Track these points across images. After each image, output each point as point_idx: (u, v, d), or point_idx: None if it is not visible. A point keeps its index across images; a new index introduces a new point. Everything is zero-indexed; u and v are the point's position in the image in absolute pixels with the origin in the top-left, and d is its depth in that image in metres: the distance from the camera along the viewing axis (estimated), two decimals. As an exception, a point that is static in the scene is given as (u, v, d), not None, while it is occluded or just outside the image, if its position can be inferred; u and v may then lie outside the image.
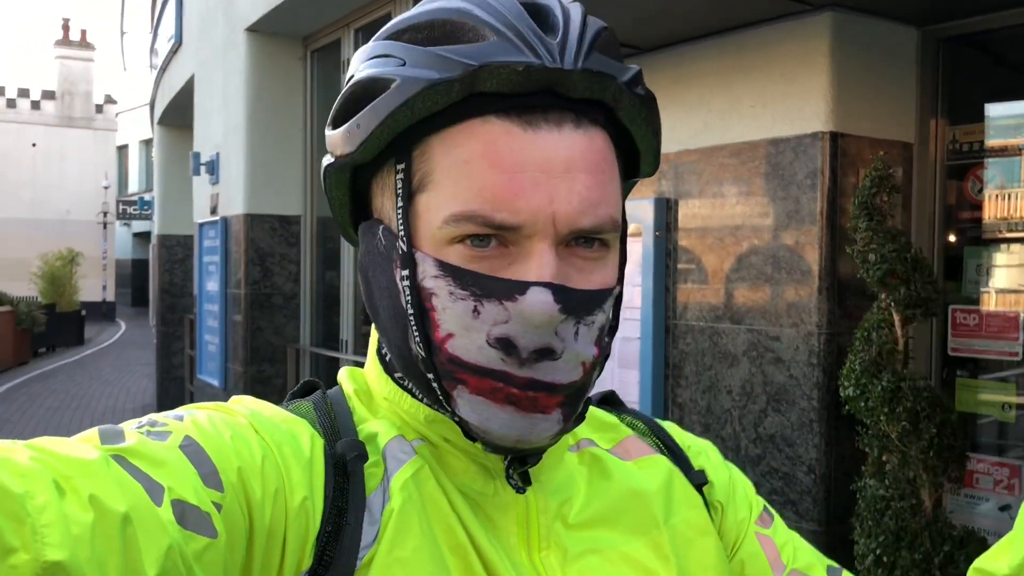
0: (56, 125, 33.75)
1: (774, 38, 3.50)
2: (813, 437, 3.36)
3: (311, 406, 0.76)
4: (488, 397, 0.67)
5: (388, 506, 0.69)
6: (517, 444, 0.69)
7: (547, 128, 0.66)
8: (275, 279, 7.61)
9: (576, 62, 0.66)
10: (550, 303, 0.65)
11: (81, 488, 0.54)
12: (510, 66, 0.65)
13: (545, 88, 0.66)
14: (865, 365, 2.98)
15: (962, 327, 3.49)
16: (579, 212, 0.66)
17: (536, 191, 0.65)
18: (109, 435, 0.61)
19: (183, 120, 10.59)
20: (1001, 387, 3.53)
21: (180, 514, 0.58)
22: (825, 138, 3.33)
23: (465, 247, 0.67)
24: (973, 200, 3.62)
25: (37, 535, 0.51)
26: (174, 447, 0.62)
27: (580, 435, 0.83)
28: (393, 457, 0.72)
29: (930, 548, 2.84)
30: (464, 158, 0.67)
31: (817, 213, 3.35)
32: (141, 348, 21.26)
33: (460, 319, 0.67)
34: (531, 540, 0.74)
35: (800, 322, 3.40)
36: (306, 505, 0.66)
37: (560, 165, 0.66)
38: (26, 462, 0.54)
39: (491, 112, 0.66)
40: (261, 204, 7.52)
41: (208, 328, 8.49)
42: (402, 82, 0.66)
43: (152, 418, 0.66)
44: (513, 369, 0.66)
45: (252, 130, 7.48)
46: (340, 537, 0.67)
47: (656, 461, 0.84)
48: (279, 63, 7.55)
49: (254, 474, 0.65)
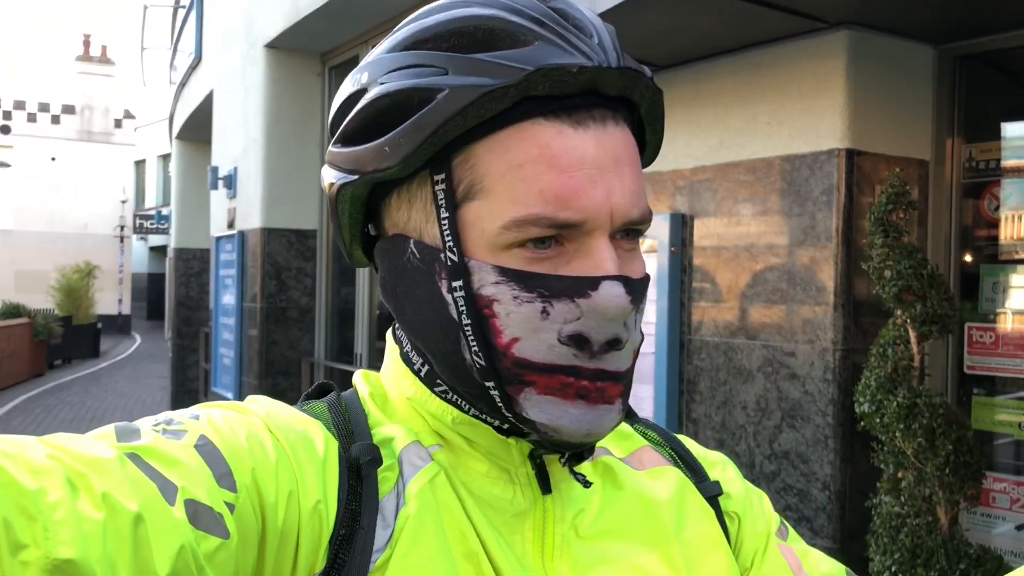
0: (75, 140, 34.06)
1: (790, 56, 3.51)
2: (828, 453, 3.35)
3: (326, 407, 0.76)
4: (558, 395, 0.68)
5: (403, 511, 0.69)
6: (586, 438, 0.69)
7: (594, 126, 0.68)
8: (291, 293, 7.65)
9: (619, 61, 0.68)
10: (623, 295, 0.66)
11: (95, 486, 0.55)
12: (564, 68, 0.65)
13: (589, 88, 0.68)
14: (881, 381, 2.98)
15: (978, 345, 3.48)
16: (631, 204, 0.68)
17: (594, 188, 0.66)
18: (125, 433, 0.62)
19: (201, 135, 10.69)
20: (1018, 405, 3.52)
21: (193, 514, 0.58)
22: (841, 155, 3.34)
23: (524, 250, 0.67)
24: (990, 218, 3.62)
25: (49, 532, 0.51)
26: (189, 446, 0.62)
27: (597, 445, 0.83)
28: (410, 463, 0.72)
29: (946, 566, 2.82)
30: (518, 162, 0.66)
31: (833, 230, 3.35)
32: (156, 361, 21.34)
33: (527, 322, 0.67)
34: (546, 548, 0.73)
35: (815, 338, 3.40)
36: (319, 508, 0.66)
37: (611, 161, 0.68)
38: (41, 459, 0.54)
39: (539, 115, 0.66)
40: (278, 218, 7.58)
41: (223, 341, 8.53)
42: (452, 92, 0.65)
43: (168, 416, 0.66)
44: (584, 363, 0.67)
45: (270, 145, 7.55)
46: (353, 540, 0.67)
47: (669, 472, 0.84)
48: (298, 79, 7.62)
49: (268, 475, 0.65)
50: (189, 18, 10.70)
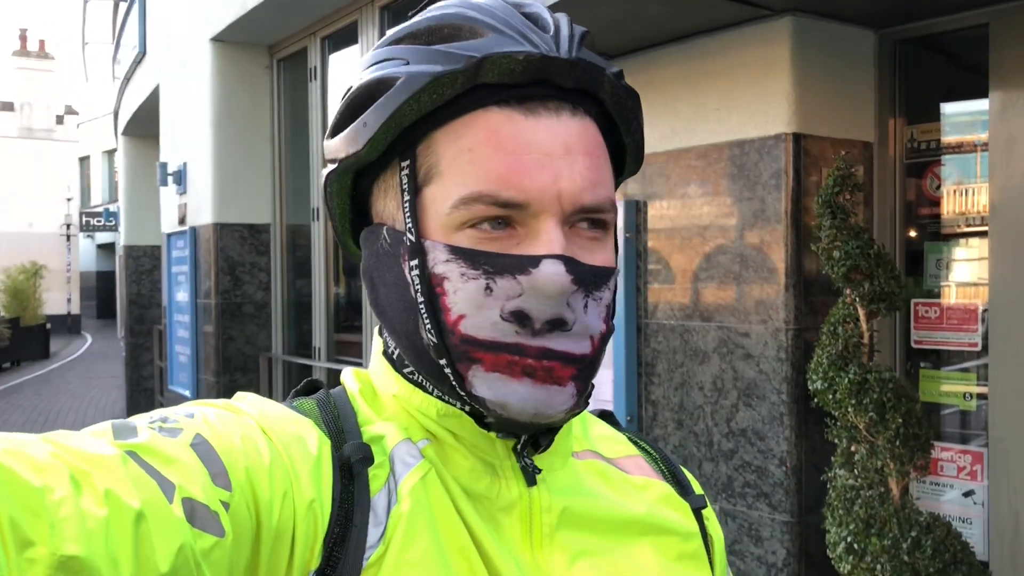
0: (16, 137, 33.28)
1: (737, 43, 3.58)
2: (783, 430, 3.44)
3: (315, 404, 0.77)
4: (504, 372, 0.70)
5: (396, 509, 0.71)
6: (534, 418, 0.71)
7: (546, 114, 0.71)
8: (246, 288, 7.60)
9: (570, 52, 0.71)
10: (562, 273, 0.68)
11: (97, 483, 0.55)
12: (511, 56, 0.69)
13: (541, 79, 0.71)
14: (832, 359, 3.07)
15: (924, 320, 3.60)
16: (581, 190, 0.70)
17: (541, 171, 0.69)
18: (122, 430, 0.62)
19: (148, 130, 10.53)
20: (962, 377, 3.64)
21: (190, 512, 0.59)
22: (788, 139, 3.42)
23: (476, 231, 0.70)
24: (931, 197, 3.73)
25: (55, 529, 0.52)
26: (185, 445, 0.63)
27: (584, 445, 0.84)
28: (401, 461, 0.73)
29: (898, 535, 2.93)
30: (468, 146, 0.70)
31: (782, 212, 3.43)
32: (108, 360, 21.02)
33: (472, 298, 0.69)
34: (533, 538, 0.75)
35: (768, 318, 3.48)
36: (314, 507, 0.68)
37: (560, 147, 0.70)
38: (44, 456, 0.55)
39: (492, 103, 0.70)
40: (230, 213, 7.51)
41: (178, 339, 8.45)
42: (407, 78, 0.70)
43: (163, 414, 0.67)
44: (526, 340, 0.69)
45: (219, 139, 7.47)
46: (347, 538, 0.68)
47: (658, 485, 0.86)
48: (245, 72, 7.55)
49: (262, 475, 0.66)
50: (132, 11, 10.52)
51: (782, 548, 3.47)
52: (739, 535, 3.60)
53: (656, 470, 0.88)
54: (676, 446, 3.83)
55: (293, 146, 7.52)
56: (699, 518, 0.85)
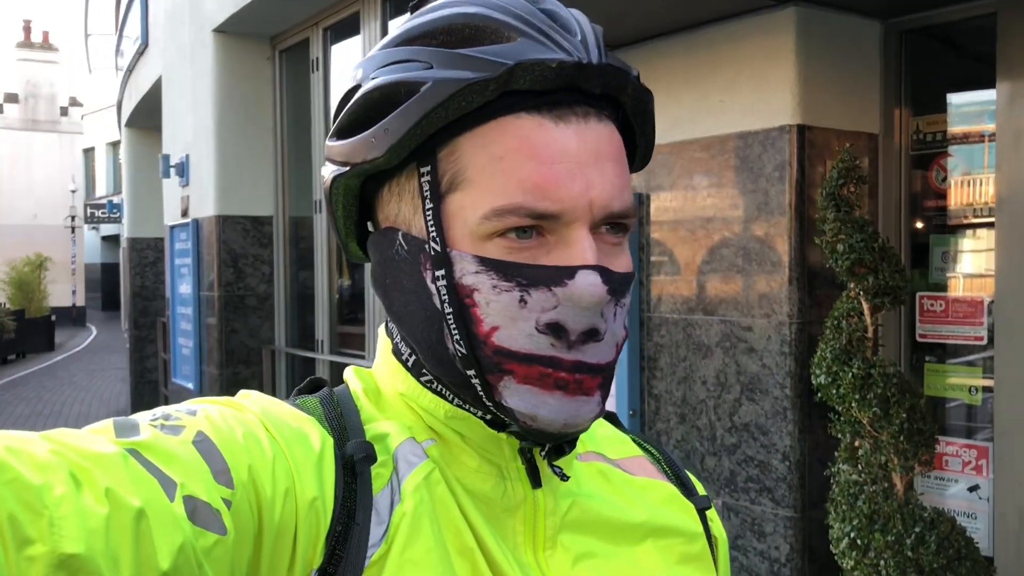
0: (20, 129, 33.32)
1: (741, 34, 3.55)
2: (787, 425, 3.42)
3: (318, 402, 0.77)
4: (537, 384, 0.69)
5: (399, 508, 0.70)
6: (564, 429, 0.70)
7: (576, 121, 0.69)
8: (248, 280, 7.59)
9: (600, 58, 0.70)
10: (599, 284, 0.67)
11: (98, 481, 0.55)
12: (544, 63, 0.67)
13: (571, 84, 0.69)
14: (836, 353, 3.04)
15: (929, 313, 3.57)
16: (611, 197, 0.69)
17: (573, 180, 0.68)
18: (123, 428, 0.62)
19: (151, 122, 10.51)
20: (968, 371, 3.61)
21: (191, 510, 0.59)
22: (792, 131, 3.38)
23: (505, 240, 0.68)
24: (937, 189, 3.69)
25: (54, 527, 0.52)
26: (187, 442, 0.63)
27: (588, 447, 0.84)
28: (404, 459, 0.73)
29: (902, 530, 2.90)
30: (499, 154, 0.68)
31: (786, 205, 3.40)
32: (113, 352, 21.07)
33: (506, 310, 0.68)
34: (537, 540, 0.75)
35: (772, 312, 3.45)
36: (316, 504, 0.67)
37: (591, 154, 0.69)
38: (44, 455, 0.55)
39: (521, 109, 0.68)
40: (232, 205, 7.49)
41: (182, 331, 8.45)
42: (435, 84, 0.67)
43: (166, 411, 0.67)
44: (562, 353, 0.68)
45: (222, 131, 7.45)
46: (349, 536, 0.68)
47: (662, 486, 0.86)
48: (247, 63, 7.52)
49: (265, 472, 0.65)
50: (134, 3, 10.50)
51: (785, 543, 3.45)
52: (742, 530, 3.58)
53: (660, 471, 0.88)
54: (679, 441, 3.81)
55: (295, 138, 7.50)
56: (703, 519, 0.85)
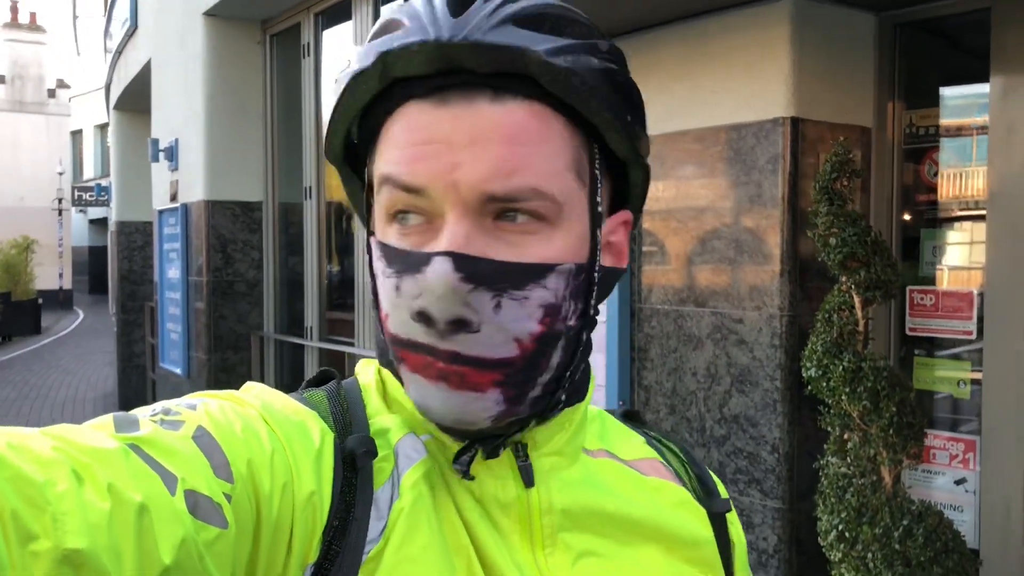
0: (7, 110, 33.05)
1: (735, 25, 3.53)
2: (776, 417, 3.43)
3: (325, 396, 0.77)
4: (422, 374, 0.69)
5: (398, 503, 0.70)
6: (457, 424, 0.70)
7: (457, 104, 0.67)
8: (237, 266, 7.56)
9: (474, 35, 0.66)
10: (449, 272, 0.65)
11: (99, 477, 0.55)
12: (408, 47, 0.67)
13: (455, 67, 0.67)
14: (827, 346, 3.04)
15: (919, 307, 3.58)
16: (485, 178, 0.66)
17: (438, 158, 0.67)
18: (123, 423, 0.62)
19: (140, 105, 10.42)
20: (956, 364, 3.63)
21: (193, 504, 0.59)
22: (786, 123, 3.38)
23: (396, 225, 0.70)
24: (929, 183, 3.70)
25: (57, 523, 0.52)
26: (187, 437, 0.63)
27: (599, 445, 0.82)
28: (405, 454, 0.73)
29: (890, 523, 2.92)
30: (390, 141, 0.70)
31: (779, 197, 3.40)
32: (100, 336, 20.98)
33: (389, 297, 0.70)
34: (534, 539, 0.74)
35: (763, 304, 3.46)
36: (313, 499, 0.67)
37: (464, 137, 0.67)
38: (46, 451, 0.55)
39: (413, 97, 0.69)
40: (222, 190, 7.46)
41: (170, 316, 8.41)
42: (341, 79, 0.72)
43: (165, 406, 0.67)
44: (435, 341, 0.67)
45: (212, 115, 7.40)
46: (347, 532, 0.68)
47: (673, 488, 0.83)
48: (238, 48, 7.46)
49: (263, 466, 0.65)
50: (123, -16, 10.40)
51: (773, 535, 3.46)
52: (730, 521, 3.59)
53: (674, 473, 0.85)
54: (668, 432, 3.82)
55: (286, 123, 7.46)
56: (721, 523, 0.83)
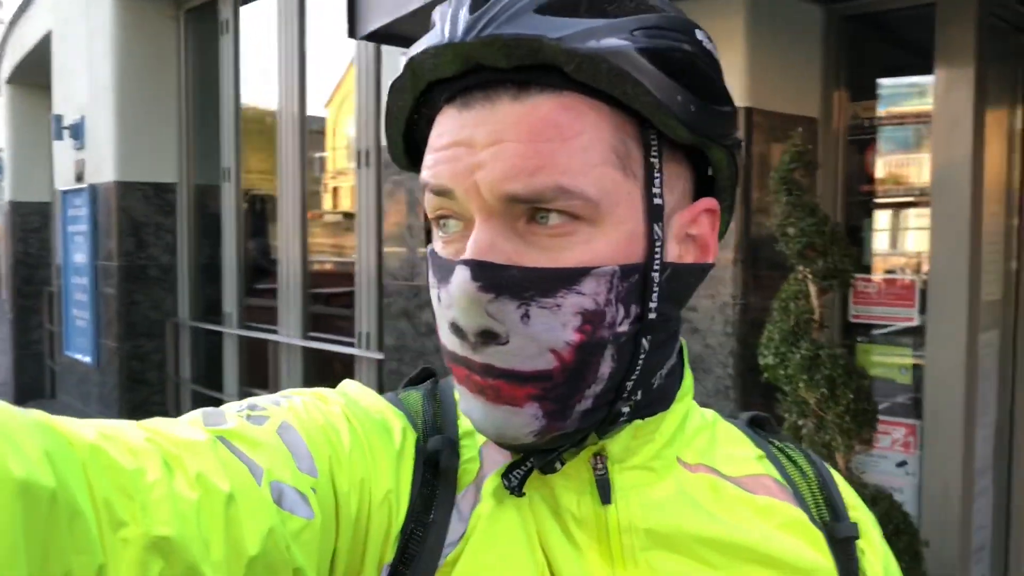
0: None
1: (692, 15, 3.52)
2: (728, 403, 3.47)
3: (420, 396, 0.76)
4: (465, 386, 0.67)
5: (479, 508, 0.68)
6: (499, 438, 0.67)
7: (479, 106, 0.65)
8: (150, 250, 7.27)
9: (486, 30, 0.62)
10: (466, 281, 0.63)
11: (189, 467, 0.56)
12: (427, 51, 0.66)
13: (475, 66, 0.65)
14: (784, 334, 3.08)
15: (863, 295, 3.67)
16: (505, 178, 0.63)
17: (459, 160, 0.65)
18: (212, 417, 0.63)
19: (38, 79, 9.89)
20: (898, 351, 3.74)
21: (278, 495, 0.60)
22: (741, 113, 3.40)
23: (441, 232, 0.69)
24: (872, 173, 3.79)
25: (147, 511, 0.53)
26: (272, 431, 0.64)
27: (700, 459, 0.76)
28: (490, 458, 0.71)
29: (846, 507, 2.99)
30: (429, 145, 0.69)
31: (733, 186, 3.42)
32: (-13, 322, 19.93)
33: (436, 307, 0.69)
34: (614, 557, 0.69)
35: (716, 293, 3.49)
36: (389, 498, 0.67)
37: (484, 139, 0.64)
38: (138, 441, 0.56)
39: (446, 101, 0.68)
40: (133, 171, 7.15)
41: (76, 302, 8.03)
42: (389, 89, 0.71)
43: (252, 402, 0.68)
44: (469, 354, 0.65)
45: (122, 92, 7.07)
46: (425, 534, 0.66)
47: (784, 508, 0.76)
48: (149, 22, 7.14)
49: (343, 463, 0.65)
50: (17, -49, 9.83)
51: (725, 520, 3.51)
52: (682, 507, 3.63)
53: (791, 493, 0.77)
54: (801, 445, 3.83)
55: (202, 102, 7.18)
56: (846, 550, 0.75)
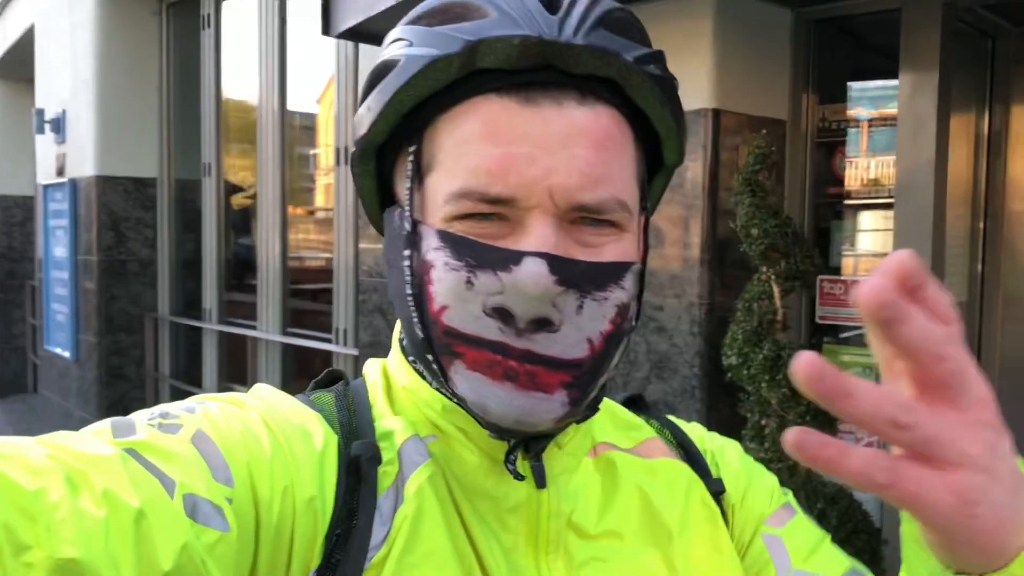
0: None
1: (660, 17, 3.56)
2: (695, 403, 3.50)
3: (333, 398, 0.75)
4: (485, 372, 0.66)
5: (401, 510, 0.68)
6: (517, 425, 0.67)
7: (546, 104, 0.66)
8: (130, 245, 7.27)
9: (575, 36, 0.65)
10: (544, 274, 0.63)
11: (95, 484, 0.54)
12: (507, 39, 0.64)
13: (546, 64, 0.65)
14: (747, 335, 3.12)
15: (829, 296, 3.70)
16: (578, 187, 0.65)
17: (531, 165, 0.64)
18: (120, 428, 0.61)
19: (20, 73, 9.86)
20: (862, 351, 3.77)
21: (191, 508, 0.58)
22: (708, 115, 3.43)
23: (465, 224, 0.66)
24: (839, 175, 3.82)
25: (51, 532, 0.51)
26: (185, 440, 0.62)
27: (599, 438, 0.80)
28: (409, 459, 0.71)
29: (806, 505, 3.02)
30: (464, 137, 0.67)
31: (699, 188, 3.46)
32: (-29, 315, 19.82)
33: (454, 290, 0.66)
34: (539, 543, 0.72)
35: (682, 292, 3.52)
36: (314, 504, 0.66)
37: (558, 140, 0.65)
38: (39, 459, 0.54)
39: (491, 90, 0.66)
40: (114, 166, 7.15)
41: (56, 296, 8.02)
42: (406, 61, 0.67)
43: (164, 409, 0.65)
44: (511, 340, 0.65)
45: (103, 87, 7.07)
46: (349, 538, 0.66)
47: (676, 467, 0.81)
48: (132, 17, 7.14)
49: (263, 470, 0.64)
50: (0, -57, 9.79)
51: (690, 517, 3.54)
52: (648, 505, 3.66)
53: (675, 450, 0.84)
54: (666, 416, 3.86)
55: (183, 97, 7.18)
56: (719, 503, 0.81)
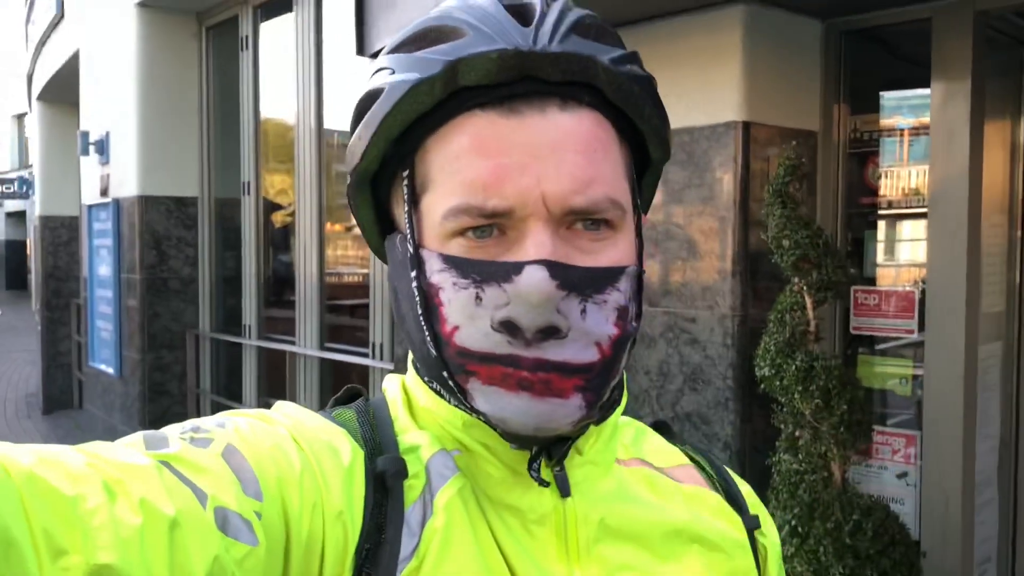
0: (-84, 98, 31.66)
1: (688, 30, 3.59)
2: (728, 415, 3.50)
3: (354, 414, 0.76)
4: (500, 385, 0.67)
5: (431, 523, 0.69)
6: (537, 432, 0.68)
7: (530, 113, 0.67)
8: (172, 263, 7.40)
9: (550, 44, 0.67)
10: (546, 280, 0.65)
11: (132, 492, 0.55)
12: (485, 55, 0.67)
13: (524, 75, 0.67)
14: (780, 346, 3.12)
15: (863, 307, 3.68)
16: (570, 191, 0.67)
17: (523, 174, 0.66)
18: (153, 441, 0.62)
19: (67, 96, 10.11)
20: (898, 362, 3.75)
21: (222, 520, 0.59)
22: (738, 127, 3.44)
23: (466, 239, 0.68)
24: (872, 186, 3.81)
25: (88, 538, 0.52)
26: (216, 455, 0.63)
27: (632, 453, 0.82)
28: (437, 472, 0.72)
29: (841, 518, 3.01)
30: (455, 154, 0.68)
31: (731, 199, 3.47)
32: (20, 334, 20.26)
33: (464, 308, 0.67)
34: (570, 552, 0.72)
35: (715, 304, 3.52)
36: (343, 518, 0.66)
37: (546, 147, 0.67)
38: (78, 466, 0.55)
39: (475, 106, 0.68)
40: (156, 186, 7.29)
41: (100, 314, 8.19)
42: (390, 88, 0.70)
43: (195, 424, 0.67)
44: (520, 351, 0.66)
45: (145, 109, 7.22)
46: (379, 552, 0.67)
47: (710, 495, 0.83)
48: (173, 40, 7.30)
49: (292, 485, 0.65)
50: (47, -29, 10.06)
51: (725, 530, 3.53)
52: (682, 517, 3.65)
53: (708, 482, 0.85)
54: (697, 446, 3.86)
55: (223, 117, 7.32)
56: (751, 537, 0.83)
